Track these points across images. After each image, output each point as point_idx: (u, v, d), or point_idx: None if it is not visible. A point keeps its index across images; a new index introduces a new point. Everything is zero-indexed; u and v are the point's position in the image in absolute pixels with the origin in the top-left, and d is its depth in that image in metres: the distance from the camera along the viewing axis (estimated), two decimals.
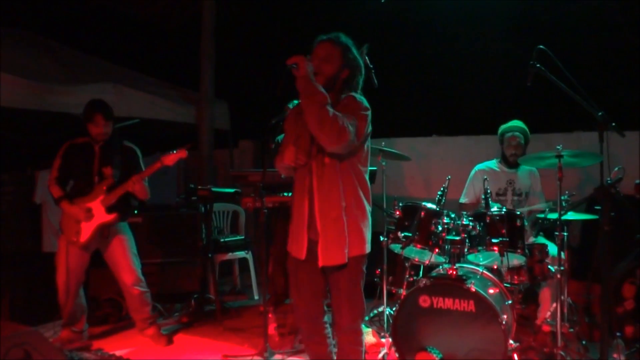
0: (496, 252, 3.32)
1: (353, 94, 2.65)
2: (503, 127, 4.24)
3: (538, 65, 3.15)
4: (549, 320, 3.71)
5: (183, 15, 7.06)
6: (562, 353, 3.28)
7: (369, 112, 2.63)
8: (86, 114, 3.90)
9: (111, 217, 3.86)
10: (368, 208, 2.71)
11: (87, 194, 3.87)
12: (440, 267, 3.54)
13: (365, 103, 2.65)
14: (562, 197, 3.36)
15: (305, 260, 2.67)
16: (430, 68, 6.09)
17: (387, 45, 5.92)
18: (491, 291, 3.24)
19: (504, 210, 3.46)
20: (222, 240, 5.15)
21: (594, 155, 3.24)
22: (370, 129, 2.66)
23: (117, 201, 3.85)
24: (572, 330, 3.55)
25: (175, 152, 3.82)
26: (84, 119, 3.91)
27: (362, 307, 2.72)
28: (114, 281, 4.07)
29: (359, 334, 2.74)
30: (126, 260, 3.93)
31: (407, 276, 3.62)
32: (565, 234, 3.42)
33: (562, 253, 3.40)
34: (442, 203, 3.55)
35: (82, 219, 3.82)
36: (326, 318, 2.81)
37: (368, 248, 2.70)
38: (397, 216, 3.57)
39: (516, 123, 4.18)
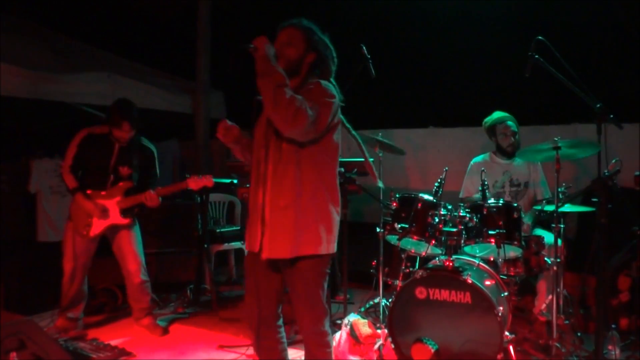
0: (493, 243, 3.31)
1: (320, 80, 2.49)
2: (490, 120, 4.16)
3: (537, 56, 3.14)
4: (544, 311, 3.73)
5: (179, 4, 7.01)
6: (557, 344, 3.30)
7: (335, 100, 2.45)
8: (113, 117, 3.76)
9: (125, 221, 3.89)
10: (332, 207, 2.48)
11: (101, 189, 3.84)
12: (437, 258, 3.54)
13: (332, 91, 2.47)
14: (559, 189, 3.35)
15: (260, 258, 2.47)
16: (427, 59, 6.07)
17: (384, 37, 5.90)
18: (487, 283, 3.24)
19: (501, 202, 3.45)
20: (218, 230, 5.14)
21: (591, 143, 3.22)
22: (337, 118, 2.48)
23: (132, 206, 3.86)
24: (567, 321, 3.56)
25: (201, 177, 3.79)
26: (110, 121, 3.79)
27: (323, 309, 2.52)
28: (110, 270, 4.06)
29: (325, 335, 2.55)
30: (132, 248, 3.94)
31: (404, 267, 3.62)
32: (561, 225, 3.42)
33: (559, 245, 3.40)
34: (439, 195, 3.54)
35: (97, 217, 3.81)
36: (280, 322, 2.66)
37: (329, 249, 2.47)
38: (394, 207, 3.57)
39: (502, 113, 4.14)
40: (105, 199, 3.84)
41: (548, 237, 3.68)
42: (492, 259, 3.49)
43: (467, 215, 3.37)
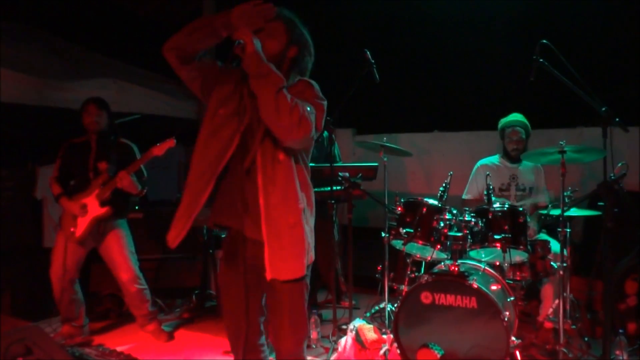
0: (498, 248, 3.30)
1: (306, 79, 2.24)
2: (503, 121, 4.20)
3: (541, 60, 3.13)
4: (551, 317, 3.70)
5: (184, 10, 7.04)
6: (564, 350, 3.28)
7: (325, 103, 2.22)
8: (81, 106, 3.99)
9: (103, 210, 3.85)
10: (314, 209, 2.31)
11: (84, 190, 3.89)
12: (442, 263, 3.53)
13: (320, 91, 2.24)
14: (565, 193, 3.34)
15: (237, 267, 2.27)
16: (431, 63, 6.06)
17: (388, 41, 5.89)
18: (493, 288, 3.22)
19: (507, 206, 3.44)
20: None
21: (597, 150, 3.22)
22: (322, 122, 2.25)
23: (112, 195, 3.84)
24: (574, 327, 3.54)
25: (163, 142, 3.78)
26: (80, 113, 3.98)
27: (306, 329, 2.31)
28: (114, 277, 4.06)
29: None
30: (122, 257, 3.92)
31: (409, 272, 3.61)
32: (567, 230, 3.41)
33: (565, 249, 3.39)
34: (444, 199, 3.53)
35: (77, 214, 3.84)
36: (263, 339, 2.43)
37: (313, 255, 2.29)
38: (399, 212, 3.56)
39: (516, 117, 4.15)
40: (85, 196, 3.87)
41: (554, 243, 3.67)
42: (497, 264, 3.48)
43: (473, 219, 3.36)
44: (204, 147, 2.20)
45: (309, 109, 2.08)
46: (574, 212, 3.52)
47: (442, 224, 3.39)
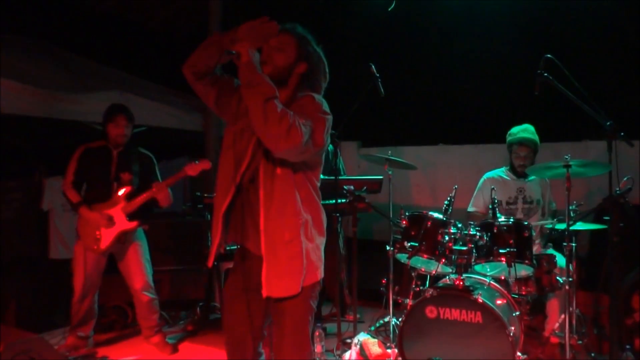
0: (504, 262, 3.30)
1: (312, 93, 2.23)
2: (513, 135, 4.09)
3: (545, 74, 3.14)
4: (557, 331, 3.68)
5: (190, 22, 7.11)
6: None
7: (329, 117, 2.20)
8: (108, 114, 3.91)
9: (133, 224, 3.86)
10: (324, 223, 2.32)
11: (105, 200, 3.85)
12: (447, 277, 3.51)
13: (326, 107, 2.22)
14: (571, 207, 3.33)
15: (239, 283, 2.30)
16: (436, 76, 6.08)
17: (393, 54, 5.92)
18: (499, 302, 3.21)
19: (512, 220, 3.43)
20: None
21: (602, 164, 3.22)
22: (328, 139, 2.23)
23: (138, 209, 3.85)
24: (580, 342, 3.51)
25: (198, 162, 3.80)
26: (105, 120, 3.91)
27: (309, 350, 2.27)
28: (120, 288, 4.07)
29: None
30: (138, 266, 3.93)
31: (414, 286, 3.61)
32: (573, 244, 3.39)
33: (571, 264, 3.37)
34: (449, 213, 3.53)
35: (104, 226, 3.81)
36: (262, 358, 2.41)
37: (322, 272, 2.28)
38: (404, 225, 3.56)
39: (527, 132, 4.04)
40: (109, 207, 3.83)
41: (559, 257, 3.65)
42: (503, 278, 3.46)
43: (478, 233, 3.35)
44: (222, 165, 2.29)
45: (304, 121, 2.07)
46: (579, 226, 3.51)
47: (447, 238, 3.38)
